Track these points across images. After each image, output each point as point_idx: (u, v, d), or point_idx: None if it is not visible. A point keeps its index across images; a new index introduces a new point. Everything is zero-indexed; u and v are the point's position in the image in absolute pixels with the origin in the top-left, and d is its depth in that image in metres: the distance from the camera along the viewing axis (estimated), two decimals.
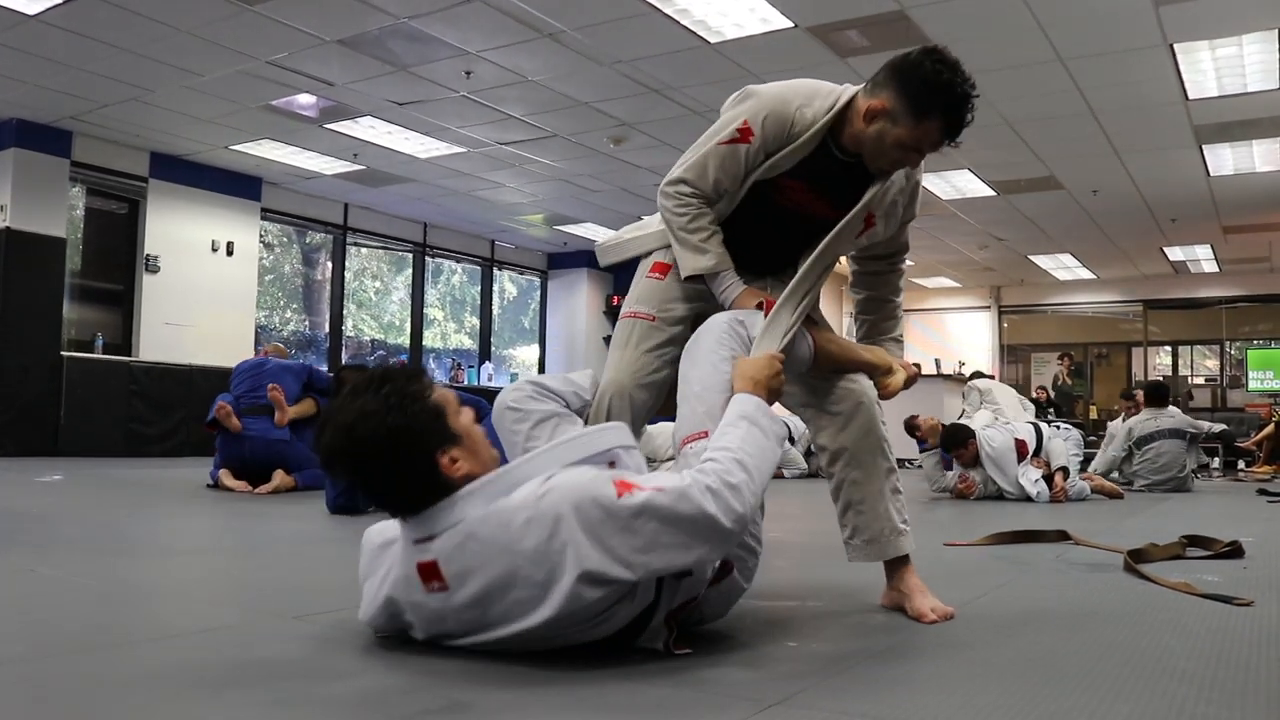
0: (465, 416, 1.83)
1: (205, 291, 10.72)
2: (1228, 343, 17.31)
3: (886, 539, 2.28)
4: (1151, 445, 7.89)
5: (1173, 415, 8.10)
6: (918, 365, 2.51)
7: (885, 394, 2.35)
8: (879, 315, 2.54)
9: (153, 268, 10.32)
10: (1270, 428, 12.39)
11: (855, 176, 2.24)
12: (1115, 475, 8.00)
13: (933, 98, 2.08)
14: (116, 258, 10.38)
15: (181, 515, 4.67)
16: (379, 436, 1.71)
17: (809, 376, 2.31)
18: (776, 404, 2.05)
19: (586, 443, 1.88)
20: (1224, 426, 8.20)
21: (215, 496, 5.48)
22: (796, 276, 2.21)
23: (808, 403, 2.34)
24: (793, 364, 2.18)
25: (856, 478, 2.28)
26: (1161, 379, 15.86)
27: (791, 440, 8.96)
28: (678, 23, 6.78)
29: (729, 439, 1.82)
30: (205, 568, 3.08)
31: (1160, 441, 7.88)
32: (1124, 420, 8.70)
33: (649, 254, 2.40)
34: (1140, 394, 8.90)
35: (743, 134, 2.20)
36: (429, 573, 1.73)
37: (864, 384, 2.32)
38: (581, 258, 15.49)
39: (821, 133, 2.18)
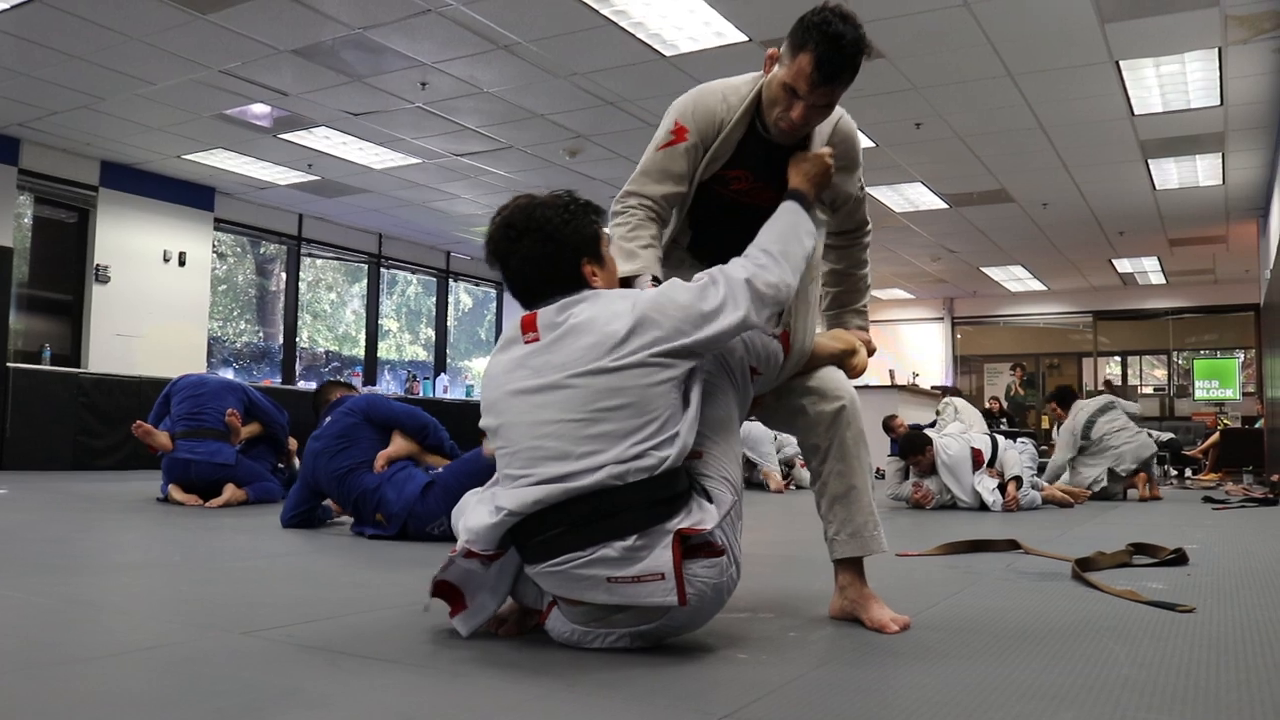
0: (611, 255, 2.19)
1: (156, 302, 10.60)
2: (1175, 353, 17.61)
3: (870, 534, 2.35)
4: (1096, 422, 7.79)
5: (1106, 399, 8.11)
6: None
7: (854, 375, 2.44)
8: (843, 288, 2.64)
9: (103, 278, 10.19)
10: (1216, 436, 12.63)
11: (786, 155, 2.31)
12: (1081, 476, 7.95)
13: (806, 33, 2.15)
14: (65, 267, 10.24)
15: (130, 529, 4.60)
16: (550, 224, 2.05)
17: (791, 380, 2.38)
18: (769, 432, 2.22)
19: None
20: (1170, 435, 8.30)
21: (165, 510, 5.41)
22: None
23: (793, 406, 2.39)
24: (769, 369, 2.26)
25: (842, 470, 2.35)
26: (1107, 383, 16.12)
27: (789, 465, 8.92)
28: (633, 36, 6.81)
29: (753, 254, 2.13)
30: (153, 583, 3.04)
31: (1104, 416, 7.81)
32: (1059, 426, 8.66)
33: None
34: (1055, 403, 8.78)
35: (677, 134, 2.31)
36: (528, 325, 2.03)
37: (845, 384, 2.39)
38: None
39: (750, 111, 2.29)
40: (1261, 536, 5.04)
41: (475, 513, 2.05)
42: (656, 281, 2.20)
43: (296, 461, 6.48)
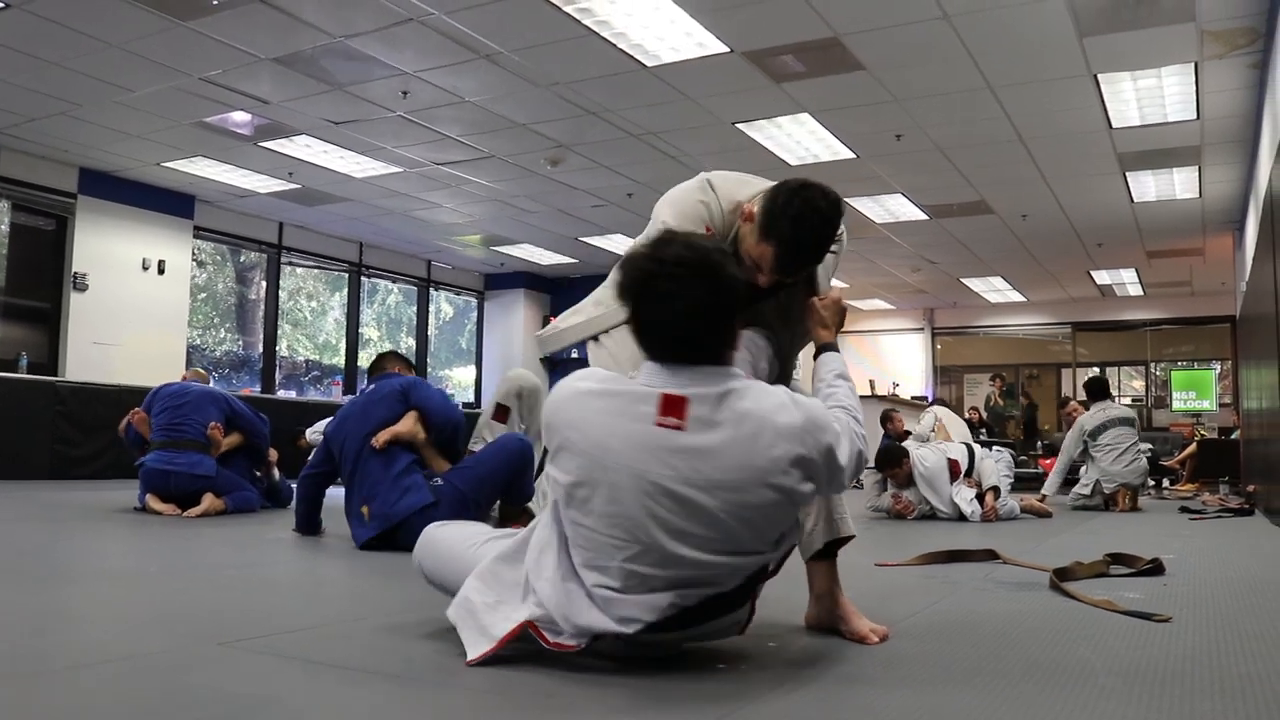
0: None
1: (135, 310, 10.54)
2: (1153, 364, 17.74)
3: (840, 516, 2.39)
4: (1106, 432, 7.91)
5: (1120, 406, 8.23)
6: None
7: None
8: None
9: (81, 286, 10.12)
10: (1193, 447, 12.71)
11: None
12: (1080, 486, 8.08)
13: (775, 221, 2.15)
14: (43, 275, 10.16)
15: (106, 539, 4.57)
16: (725, 270, 1.87)
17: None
18: None
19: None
20: (1149, 446, 8.37)
21: (142, 520, 5.37)
22: None
23: None
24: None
25: None
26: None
27: None
28: (614, 46, 6.82)
29: (842, 398, 2.10)
30: (129, 593, 3.02)
31: (1115, 429, 7.91)
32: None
33: (593, 338, 2.43)
34: (1073, 400, 8.92)
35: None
36: (672, 406, 1.82)
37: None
38: (518, 278, 15.47)
39: (729, 238, 2.27)
40: (1237, 547, 5.08)
41: (576, 604, 1.88)
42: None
43: (276, 473, 6.45)
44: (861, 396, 13.10)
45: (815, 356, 2.21)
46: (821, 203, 2.15)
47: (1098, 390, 8.34)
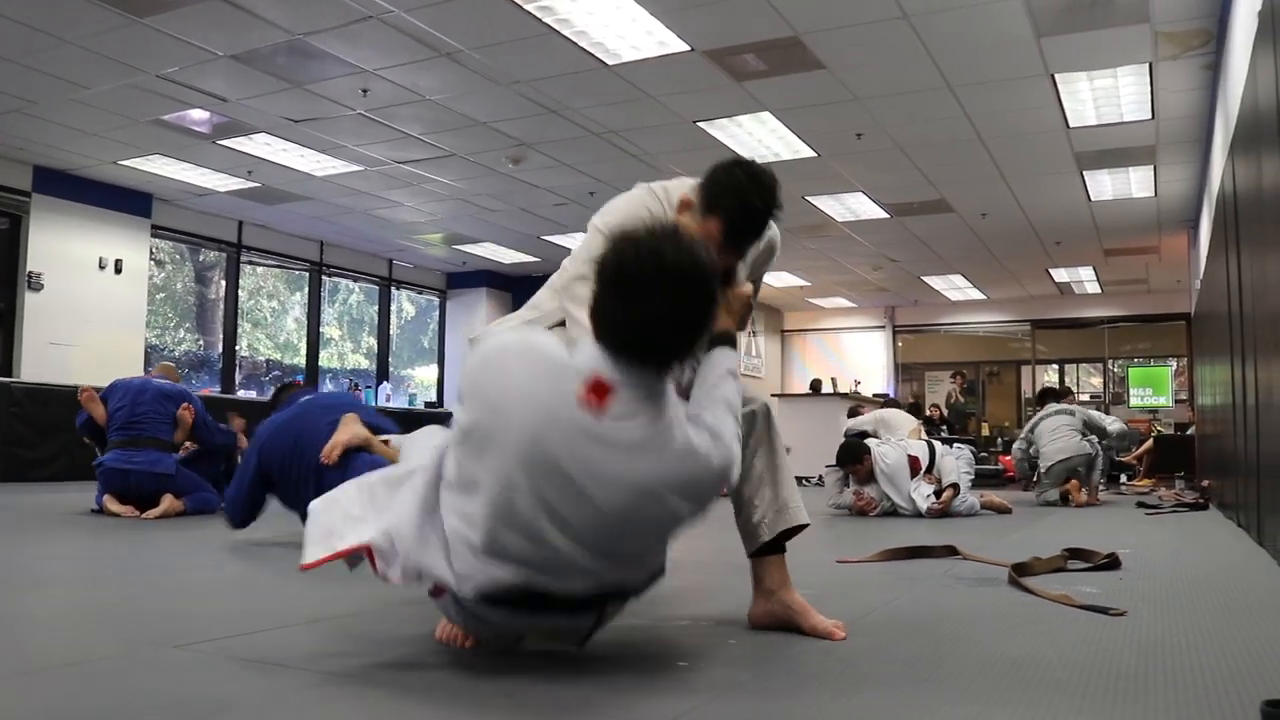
0: None
1: (92, 310, 10.39)
2: (1110, 361, 17.95)
3: (796, 505, 2.37)
4: (1044, 422, 8.36)
5: (1067, 406, 8.53)
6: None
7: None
8: None
9: (36, 285, 9.97)
10: (1150, 443, 12.88)
11: None
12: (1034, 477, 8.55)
13: (717, 197, 2.17)
14: None
15: (61, 541, 4.51)
16: (714, 289, 1.83)
17: None
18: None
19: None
20: (1120, 426, 8.71)
21: (99, 522, 5.30)
22: None
23: None
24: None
25: (768, 456, 2.38)
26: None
27: None
28: (575, 44, 6.81)
29: (728, 396, 1.97)
30: (83, 596, 2.97)
31: (1052, 419, 8.32)
32: None
33: None
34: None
35: None
36: (599, 390, 1.75)
37: (758, 392, 2.43)
38: (480, 277, 15.41)
39: None
40: (1192, 541, 5.15)
41: (424, 542, 1.84)
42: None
43: (243, 440, 6.39)
44: (824, 395, 13.23)
45: (709, 346, 2.03)
46: (762, 174, 2.19)
47: (1047, 396, 9.10)
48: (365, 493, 1.98)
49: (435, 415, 13.78)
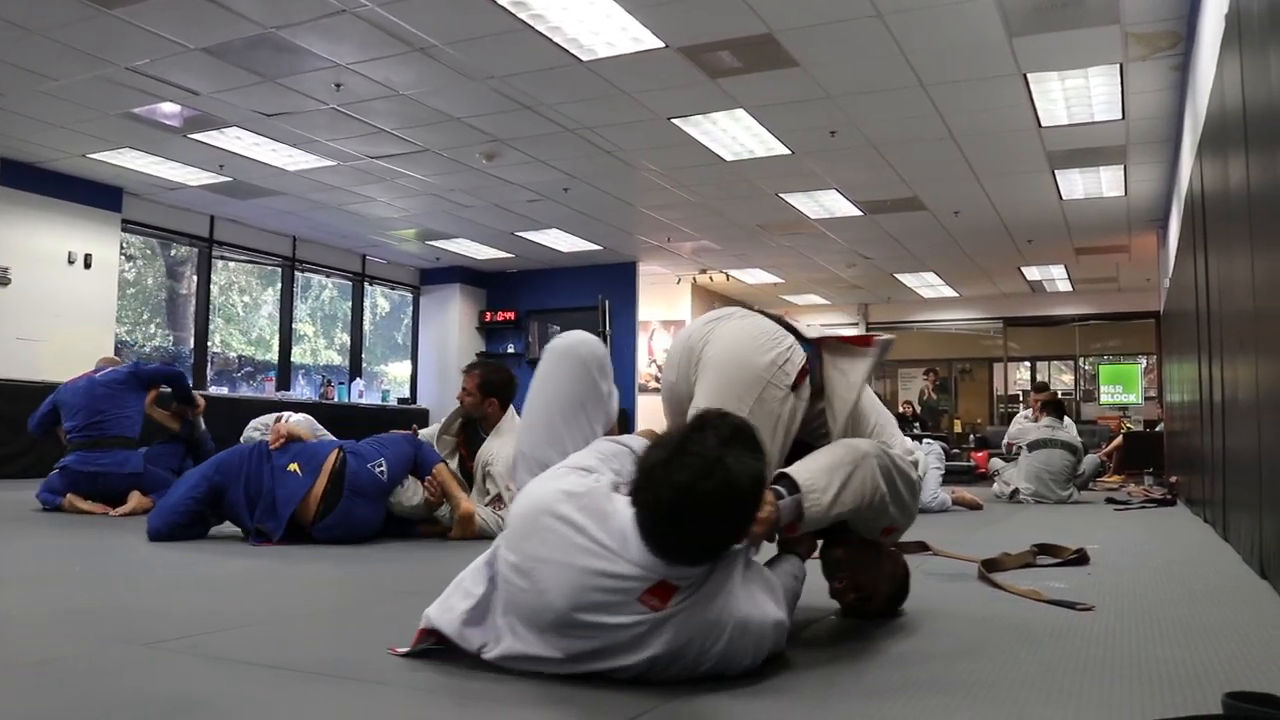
0: None
1: (61, 305, 10.28)
2: (1081, 358, 18.11)
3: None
4: (1040, 451, 8.20)
5: (1068, 429, 8.46)
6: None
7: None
8: None
9: (3, 280, 9.86)
10: (1119, 439, 13.00)
11: None
12: (998, 485, 8.37)
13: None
14: None
15: (30, 539, 4.47)
16: (756, 498, 1.78)
17: None
18: None
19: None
20: (1098, 461, 8.71)
21: (66, 520, 5.25)
22: None
23: None
24: None
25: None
26: (1058, 395, 16.57)
27: None
28: (550, 40, 6.80)
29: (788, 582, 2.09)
30: (49, 594, 2.95)
31: (1049, 451, 8.17)
32: (1027, 417, 9.19)
33: None
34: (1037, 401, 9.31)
35: None
36: (662, 593, 1.72)
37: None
38: (454, 273, 15.36)
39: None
40: (1159, 537, 5.21)
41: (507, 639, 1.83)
42: None
43: (202, 423, 6.39)
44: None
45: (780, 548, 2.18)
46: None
47: (1054, 409, 8.65)
48: (463, 579, 1.96)
49: (408, 412, 13.74)
